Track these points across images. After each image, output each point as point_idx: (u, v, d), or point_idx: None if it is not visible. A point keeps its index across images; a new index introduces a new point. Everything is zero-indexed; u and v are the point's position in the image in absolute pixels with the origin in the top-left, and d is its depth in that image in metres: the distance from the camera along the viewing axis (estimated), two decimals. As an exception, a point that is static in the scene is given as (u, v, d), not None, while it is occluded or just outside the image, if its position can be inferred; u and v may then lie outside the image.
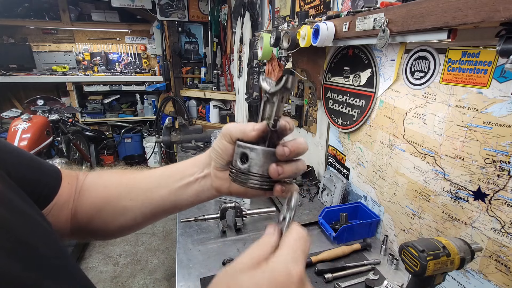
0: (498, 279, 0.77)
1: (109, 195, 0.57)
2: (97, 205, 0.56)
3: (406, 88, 1.02)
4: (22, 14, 4.18)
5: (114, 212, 0.56)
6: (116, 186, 0.58)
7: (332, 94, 1.48)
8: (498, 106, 0.73)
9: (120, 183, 0.58)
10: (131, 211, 0.56)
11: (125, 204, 0.56)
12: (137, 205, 0.56)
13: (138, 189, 0.56)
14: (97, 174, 0.61)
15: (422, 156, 0.97)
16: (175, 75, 4.49)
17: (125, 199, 0.56)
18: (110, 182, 0.59)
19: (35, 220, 0.38)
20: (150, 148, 4.62)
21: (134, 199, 0.56)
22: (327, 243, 1.22)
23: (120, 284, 2.48)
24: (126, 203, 0.56)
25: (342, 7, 1.32)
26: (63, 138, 3.14)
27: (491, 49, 0.73)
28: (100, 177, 0.60)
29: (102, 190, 0.57)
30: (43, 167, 0.52)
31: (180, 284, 1.00)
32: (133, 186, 0.57)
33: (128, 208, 0.56)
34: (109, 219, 0.56)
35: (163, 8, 4.09)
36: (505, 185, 0.73)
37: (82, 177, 0.59)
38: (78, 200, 0.55)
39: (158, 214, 0.57)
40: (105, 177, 0.60)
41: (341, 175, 1.47)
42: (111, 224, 0.57)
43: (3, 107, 4.34)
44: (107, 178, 0.60)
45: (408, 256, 0.68)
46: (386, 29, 0.81)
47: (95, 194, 0.57)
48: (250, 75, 2.76)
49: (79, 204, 0.55)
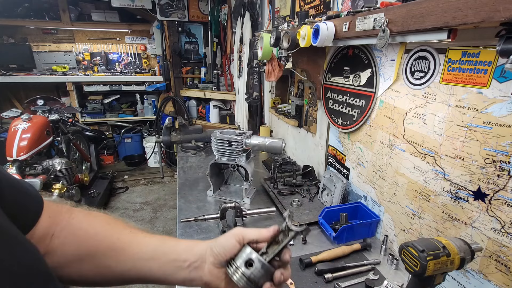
0: (498, 279, 0.77)
1: (96, 248, 0.53)
2: (80, 253, 0.51)
3: (406, 88, 1.02)
4: (22, 14, 4.18)
5: (96, 267, 0.52)
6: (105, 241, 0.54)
7: (332, 94, 1.48)
8: (498, 106, 0.73)
9: (111, 239, 0.54)
10: (114, 272, 0.53)
11: (110, 263, 0.53)
12: (123, 269, 0.53)
13: (129, 254, 0.54)
14: (85, 217, 0.56)
15: (422, 156, 0.97)
16: (175, 75, 4.49)
17: (112, 260, 0.53)
18: (100, 234, 0.54)
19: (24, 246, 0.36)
20: (150, 148, 4.62)
21: (121, 262, 0.53)
22: (327, 243, 1.22)
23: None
24: (111, 263, 0.53)
25: (342, 7, 1.32)
26: (63, 138, 3.14)
27: (491, 49, 0.73)
28: (89, 223, 0.55)
29: (89, 239, 0.53)
30: (29, 192, 0.48)
31: (180, 284, 1.00)
32: (124, 248, 0.54)
33: (112, 269, 0.53)
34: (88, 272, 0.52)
35: (163, 8, 4.09)
36: (505, 185, 0.73)
37: (67, 215, 0.54)
38: (58, 238, 0.50)
39: (138, 282, 0.56)
40: (95, 225, 0.55)
41: (341, 175, 1.47)
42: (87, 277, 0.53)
43: (3, 107, 4.34)
44: (97, 226, 0.55)
45: (408, 256, 0.68)
46: (386, 29, 0.81)
47: (81, 241, 0.52)
48: (250, 75, 2.76)
49: (59, 244, 0.50)
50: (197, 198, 1.61)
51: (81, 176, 3.22)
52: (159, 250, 0.55)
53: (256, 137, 1.52)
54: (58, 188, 2.58)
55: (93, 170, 3.93)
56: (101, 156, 4.68)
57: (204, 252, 0.54)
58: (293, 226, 0.51)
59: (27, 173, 2.49)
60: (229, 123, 3.85)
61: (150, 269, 0.54)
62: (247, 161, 1.54)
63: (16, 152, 2.40)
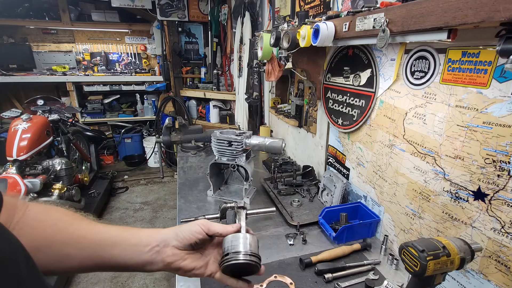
0: (498, 279, 0.77)
1: (53, 237, 0.52)
2: (36, 243, 0.50)
3: (406, 88, 1.02)
4: (22, 14, 4.18)
5: (54, 256, 0.52)
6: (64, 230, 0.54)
7: (332, 94, 1.48)
8: (498, 106, 0.73)
9: (71, 228, 0.55)
10: (73, 260, 0.53)
11: (69, 252, 0.53)
12: (82, 256, 0.54)
13: (90, 241, 0.54)
14: (42, 209, 0.56)
15: (422, 156, 0.97)
16: (175, 75, 4.49)
17: (71, 247, 0.53)
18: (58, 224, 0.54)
19: None
20: (150, 148, 4.62)
21: (80, 249, 0.53)
22: (327, 243, 1.22)
23: (120, 284, 2.48)
24: (70, 251, 0.53)
25: (342, 7, 1.32)
26: (63, 138, 3.13)
27: (491, 49, 0.73)
28: (46, 215, 0.55)
29: (46, 229, 0.53)
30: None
31: (180, 284, 1.00)
32: (84, 235, 0.55)
33: (71, 257, 0.53)
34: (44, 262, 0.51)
35: (163, 8, 4.09)
36: (505, 185, 0.73)
37: (23, 208, 0.53)
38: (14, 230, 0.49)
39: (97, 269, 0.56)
40: (53, 216, 0.55)
41: (341, 175, 1.47)
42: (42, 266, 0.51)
43: (3, 107, 4.34)
44: (55, 217, 0.55)
45: (408, 256, 0.68)
46: (386, 29, 0.81)
47: (37, 232, 0.52)
48: (250, 75, 2.76)
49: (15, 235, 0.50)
50: (197, 198, 1.61)
51: (81, 176, 3.22)
52: (120, 236, 0.57)
53: (256, 137, 1.52)
54: (58, 188, 2.58)
55: (93, 170, 3.93)
56: (101, 156, 4.68)
57: (166, 237, 0.59)
58: None
59: (27, 173, 2.49)
60: (229, 123, 3.85)
61: (111, 255, 0.55)
62: (247, 161, 1.54)
63: (16, 152, 2.40)
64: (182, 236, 0.59)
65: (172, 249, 0.59)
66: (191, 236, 0.59)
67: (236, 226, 0.65)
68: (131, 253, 0.56)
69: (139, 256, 0.57)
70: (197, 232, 0.60)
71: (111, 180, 4.03)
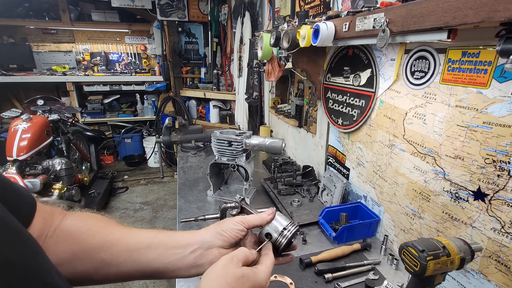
0: (498, 279, 0.77)
1: (89, 243, 0.53)
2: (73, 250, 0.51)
3: (406, 88, 1.02)
4: (22, 14, 4.18)
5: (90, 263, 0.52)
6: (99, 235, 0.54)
7: (332, 94, 1.48)
8: (498, 106, 0.73)
9: (105, 232, 0.55)
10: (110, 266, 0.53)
11: (104, 257, 0.52)
12: (118, 261, 0.53)
13: (124, 244, 0.54)
14: (78, 217, 0.56)
15: (422, 156, 0.97)
16: (175, 75, 4.49)
17: (106, 253, 0.52)
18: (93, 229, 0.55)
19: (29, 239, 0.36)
20: (150, 148, 4.62)
21: (116, 254, 0.53)
22: (327, 243, 1.22)
23: (120, 284, 2.48)
24: (106, 256, 0.52)
25: (342, 7, 1.32)
26: (63, 138, 3.14)
27: (491, 49, 0.73)
28: (82, 221, 0.56)
29: (82, 235, 0.53)
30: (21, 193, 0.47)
31: (180, 284, 1.00)
32: (119, 239, 0.54)
33: (107, 263, 0.52)
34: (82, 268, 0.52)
35: (163, 8, 4.09)
36: (505, 185, 0.73)
37: (60, 217, 0.54)
38: (51, 238, 0.50)
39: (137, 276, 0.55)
40: (88, 222, 0.56)
41: (341, 175, 1.47)
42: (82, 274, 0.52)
43: (3, 107, 4.34)
44: (90, 223, 0.56)
45: (408, 256, 0.68)
46: (386, 29, 0.81)
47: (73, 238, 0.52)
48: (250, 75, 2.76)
49: (52, 243, 0.50)
50: (197, 198, 1.61)
51: (81, 176, 3.22)
52: (155, 239, 0.56)
53: (256, 137, 1.52)
54: (58, 188, 2.58)
55: (93, 170, 3.93)
56: (101, 156, 4.68)
57: (208, 239, 0.58)
58: None
59: (27, 173, 2.49)
60: (229, 123, 3.85)
61: (148, 259, 0.54)
62: (247, 161, 1.54)
63: (16, 152, 2.40)
64: (227, 235, 0.58)
65: (218, 249, 0.58)
66: (236, 235, 0.59)
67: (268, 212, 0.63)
68: (169, 255, 0.55)
69: (181, 259, 0.55)
70: (239, 230, 0.59)
71: (111, 180, 4.03)
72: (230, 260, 0.50)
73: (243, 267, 0.50)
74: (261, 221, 0.62)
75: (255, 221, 0.61)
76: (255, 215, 0.62)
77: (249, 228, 0.61)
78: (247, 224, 0.60)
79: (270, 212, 0.63)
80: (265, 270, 0.52)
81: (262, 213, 0.63)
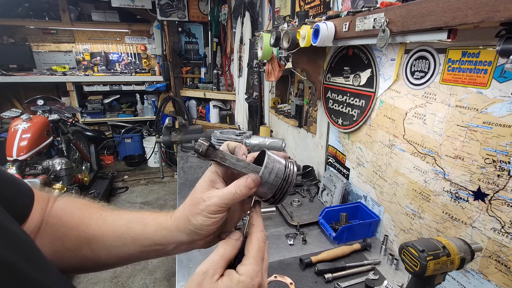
0: (498, 279, 0.77)
1: (79, 219, 0.52)
2: (63, 230, 0.51)
3: (406, 88, 1.02)
4: (22, 14, 4.18)
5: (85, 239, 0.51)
6: (89, 211, 0.54)
7: (332, 94, 1.48)
8: (498, 106, 0.73)
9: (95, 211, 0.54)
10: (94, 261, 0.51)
11: (85, 253, 0.51)
12: (99, 257, 0.51)
13: (101, 241, 0.51)
14: (70, 199, 0.56)
15: (422, 156, 0.97)
16: (175, 75, 4.49)
17: (85, 249, 0.51)
18: (83, 208, 0.55)
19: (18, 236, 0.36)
20: (150, 148, 4.62)
21: (95, 251, 0.51)
22: (327, 243, 1.22)
23: (120, 284, 2.48)
24: (86, 253, 0.51)
25: (342, 7, 1.32)
26: (63, 138, 3.14)
27: (491, 49, 0.73)
28: (74, 203, 0.55)
29: (73, 213, 0.53)
30: (17, 184, 0.47)
31: (180, 284, 1.00)
32: (109, 215, 0.54)
33: (89, 258, 0.51)
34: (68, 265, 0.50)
35: (163, 8, 4.09)
36: (505, 185, 0.73)
37: (52, 202, 0.53)
38: (44, 230, 0.50)
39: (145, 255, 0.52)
40: (80, 203, 0.56)
41: (341, 175, 1.47)
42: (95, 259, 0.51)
43: (3, 107, 4.33)
44: (82, 202, 0.56)
45: (408, 256, 0.68)
46: (386, 29, 0.81)
47: (64, 217, 0.52)
48: (250, 75, 2.76)
49: (44, 235, 0.49)
50: (197, 198, 1.60)
51: (81, 176, 3.22)
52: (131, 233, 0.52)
53: (256, 137, 1.52)
54: (58, 188, 2.57)
55: (93, 170, 3.93)
56: (101, 156, 4.68)
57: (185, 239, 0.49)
58: None
59: (27, 173, 2.49)
60: (229, 123, 3.85)
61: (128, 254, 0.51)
62: (247, 161, 1.54)
63: (16, 152, 2.40)
64: (204, 233, 0.48)
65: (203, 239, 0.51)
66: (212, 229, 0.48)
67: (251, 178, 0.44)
68: (150, 252, 0.51)
69: (165, 253, 0.52)
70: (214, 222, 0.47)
71: (111, 180, 4.03)
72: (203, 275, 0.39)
73: (219, 281, 0.40)
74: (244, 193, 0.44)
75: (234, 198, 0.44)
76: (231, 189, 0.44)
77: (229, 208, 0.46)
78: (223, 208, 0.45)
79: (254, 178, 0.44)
80: (248, 270, 0.41)
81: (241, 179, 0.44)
